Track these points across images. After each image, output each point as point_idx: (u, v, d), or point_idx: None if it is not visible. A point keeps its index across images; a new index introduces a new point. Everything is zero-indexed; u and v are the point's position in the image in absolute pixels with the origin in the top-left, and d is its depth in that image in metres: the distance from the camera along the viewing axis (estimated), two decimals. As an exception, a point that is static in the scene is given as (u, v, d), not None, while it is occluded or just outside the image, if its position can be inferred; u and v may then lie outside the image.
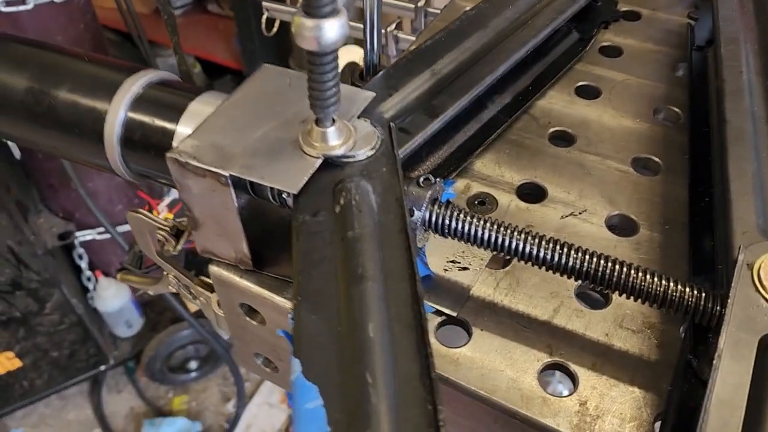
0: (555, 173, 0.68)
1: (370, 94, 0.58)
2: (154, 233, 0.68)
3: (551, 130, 0.73)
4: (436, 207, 0.54)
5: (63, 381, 2.32)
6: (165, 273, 0.76)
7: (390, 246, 0.46)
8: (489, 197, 0.66)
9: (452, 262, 0.60)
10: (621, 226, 0.64)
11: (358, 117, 0.57)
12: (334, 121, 0.53)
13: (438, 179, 0.55)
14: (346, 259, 0.45)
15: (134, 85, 0.63)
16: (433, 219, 0.54)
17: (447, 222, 0.54)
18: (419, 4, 1.14)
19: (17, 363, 2.16)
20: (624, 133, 0.73)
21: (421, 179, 0.55)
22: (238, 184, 0.53)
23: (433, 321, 0.57)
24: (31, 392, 2.28)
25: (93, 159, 0.64)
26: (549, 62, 0.80)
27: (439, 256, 0.61)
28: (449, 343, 0.55)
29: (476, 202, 0.66)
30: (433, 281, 0.59)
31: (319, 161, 0.52)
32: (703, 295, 0.48)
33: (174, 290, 0.78)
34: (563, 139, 0.73)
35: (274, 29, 1.37)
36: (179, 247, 0.67)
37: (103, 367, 2.37)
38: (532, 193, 0.67)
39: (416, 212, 0.53)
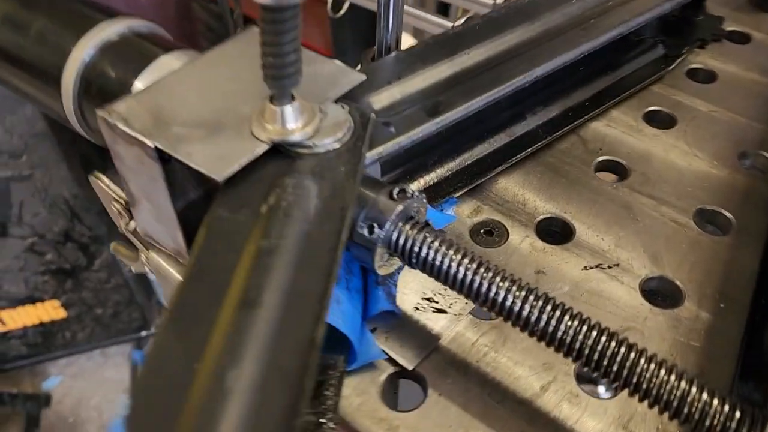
0: (591, 212, 0.55)
1: (358, 77, 0.47)
2: (111, 203, 0.60)
3: (600, 158, 0.60)
4: (407, 227, 0.42)
5: (104, 339, 2.34)
6: (138, 249, 0.68)
7: (309, 267, 0.35)
8: (499, 227, 0.54)
9: (428, 299, 0.48)
10: (661, 293, 0.50)
11: (337, 101, 0.46)
12: (293, 98, 0.42)
13: (416, 193, 0.43)
14: (247, 273, 0.35)
15: (109, 28, 0.55)
16: (400, 242, 0.42)
17: (415, 248, 0.42)
18: (497, 1, 1.01)
19: (62, 313, 2.19)
20: (693, 177, 0.58)
21: (396, 190, 0.43)
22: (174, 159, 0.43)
23: (383, 371, 0.45)
24: (72, 344, 2.32)
25: (51, 107, 0.57)
26: (618, 77, 0.66)
27: (413, 289, 0.49)
28: (394, 404, 0.44)
29: (482, 231, 0.54)
30: (397, 320, 0.47)
31: (264, 147, 0.42)
32: (737, 414, 0.34)
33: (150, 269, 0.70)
34: (613, 171, 0.59)
35: (342, 11, 1.29)
36: (132, 225, 0.59)
37: (144, 333, 2.38)
38: (556, 232, 0.54)
39: (376, 229, 0.42)
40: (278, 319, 0.32)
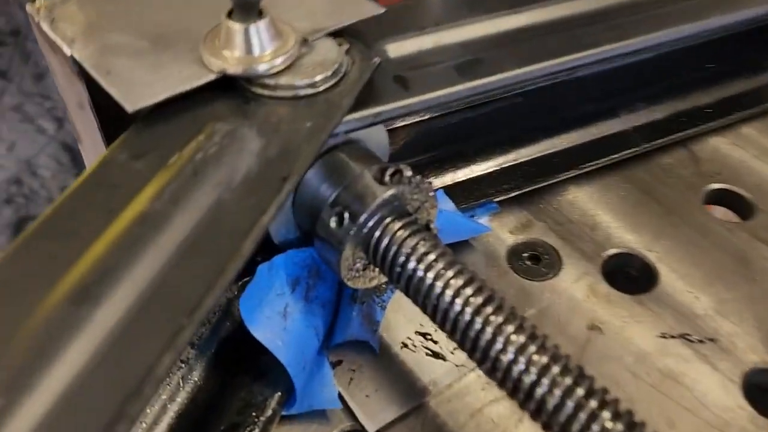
0: (688, 256, 0.40)
1: (371, 9, 0.34)
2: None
3: (715, 185, 0.44)
4: (395, 225, 0.29)
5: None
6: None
7: (200, 253, 0.23)
8: (551, 254, 0.39)
9: (423, 335, 0.35)
10: (773, 394, 0.34)
11: (334, 35, 0.33)
12: (261, 15, 0.30)
13: (420, 180, 0.30)
14: (107, 248, 0.23)
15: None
16: (381, 244, 0.29)
17: (399, 258, 0.29)
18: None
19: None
20: None
21: (390, 170, 0.30)
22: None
23: (334, 427, 0.32)
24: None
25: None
26: (762, 83, 0.50)
27: (407, 317, 0.36)
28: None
29: (525, 255, 0.40)
30: (374, 357, 0.34)
31: (208, 78, 0.30)
32: None
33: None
34: (731, 206, 0.44)
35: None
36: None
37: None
38: (631, 275, 0.39)
39: (347, 221, 0.29)
40: (112, 330, 0.20)
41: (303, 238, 0.34)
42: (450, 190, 0.40)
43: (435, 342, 0.35)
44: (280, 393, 0.32)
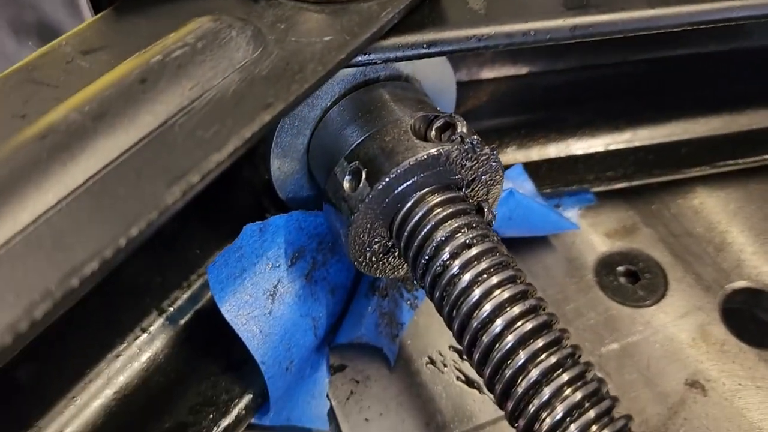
0: None
1: None
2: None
3: None
4: (434, 199, 0.22)
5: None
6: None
7: (106, 200, 0.17)
8: (655, 274, 0.31)
9: (459, 352, 0.28)
10: None
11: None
12: None
13: (479, 140, 0.22)
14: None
15: None
16: (408, 223, 0.22)
17: (427, 248, 0.21)
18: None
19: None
20: None
21: (437, 122, 0.22)
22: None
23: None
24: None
25: None
26: None
27: (440, 324, 0.28)
28: None
29: (620, 269, 0.31)
30: (388, 370, 0.27)
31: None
32: None
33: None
34: None
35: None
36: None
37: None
38: (763, 322, 0.30)
39: (364, 181, 0.22)
40: None
41: (320, 198, 0.27)
42: (533, 167, 0.32)
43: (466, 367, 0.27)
44: (252, 395, 0.25)
